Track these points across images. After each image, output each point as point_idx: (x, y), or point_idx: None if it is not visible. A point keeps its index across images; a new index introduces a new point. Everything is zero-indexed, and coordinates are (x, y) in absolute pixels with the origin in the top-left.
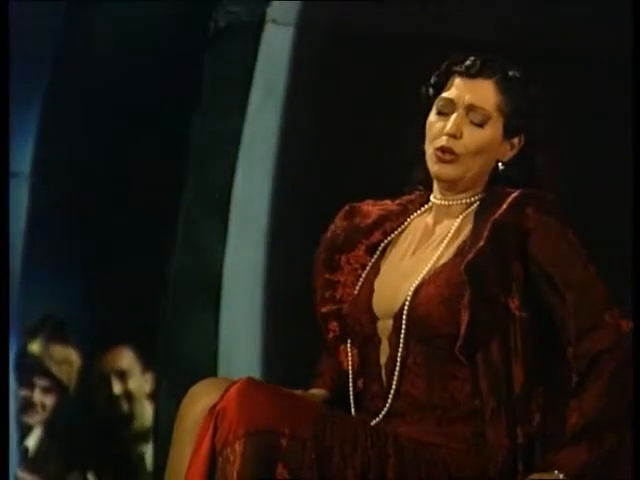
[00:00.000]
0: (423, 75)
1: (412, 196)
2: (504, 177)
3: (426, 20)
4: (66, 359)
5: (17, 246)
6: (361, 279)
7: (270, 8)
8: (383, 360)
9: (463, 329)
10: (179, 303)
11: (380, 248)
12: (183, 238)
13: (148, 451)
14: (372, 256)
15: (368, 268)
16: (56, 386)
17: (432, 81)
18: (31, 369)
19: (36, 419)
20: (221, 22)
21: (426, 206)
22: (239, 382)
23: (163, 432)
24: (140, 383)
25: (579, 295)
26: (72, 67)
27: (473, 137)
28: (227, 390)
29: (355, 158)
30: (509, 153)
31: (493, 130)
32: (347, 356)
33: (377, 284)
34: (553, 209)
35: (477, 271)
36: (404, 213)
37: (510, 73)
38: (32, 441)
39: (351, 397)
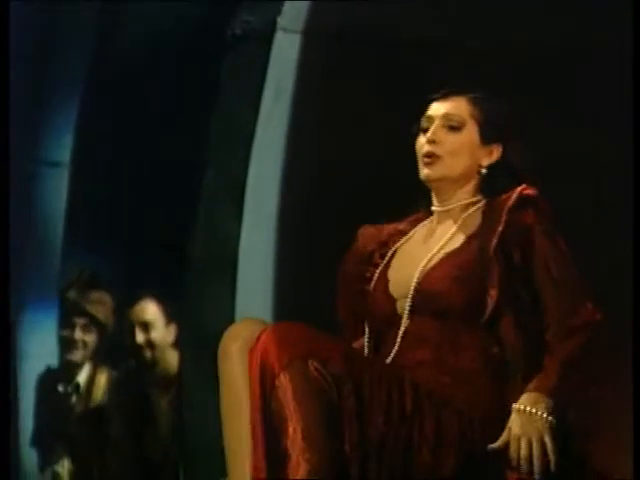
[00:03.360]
0: (425, 78)
1: (418, 215)
2: (497, 186)
3: (428, 25)
4: (100, 300)
5: (58, 226)
6: (376, 276)
7: (280, 17)
8: (402, 332)
9: (491, 304)
10: (199, 277)
11: (390, 252)
12: (203, 220)
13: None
14: (384, 259)
15: (381, 267)
16: (94, 323)
17: (417, 116)
18: (70, 311)
19: (78, 356)
20: (237, 30)
21: (431, 217)
22: (273, 324)
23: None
24: (163, 334)
25: (563, 286)
26: (106, 68)
27: (451, 140)
28: (263, 331)
29: (356, 154)
30: (488, 159)
31: (469, 134)
32: (364, 335)
33: (390, 274)
34: (547, 211)
35: (500, 256)
36: (412, 226)
37: (479, 95)
38: (82, 377)
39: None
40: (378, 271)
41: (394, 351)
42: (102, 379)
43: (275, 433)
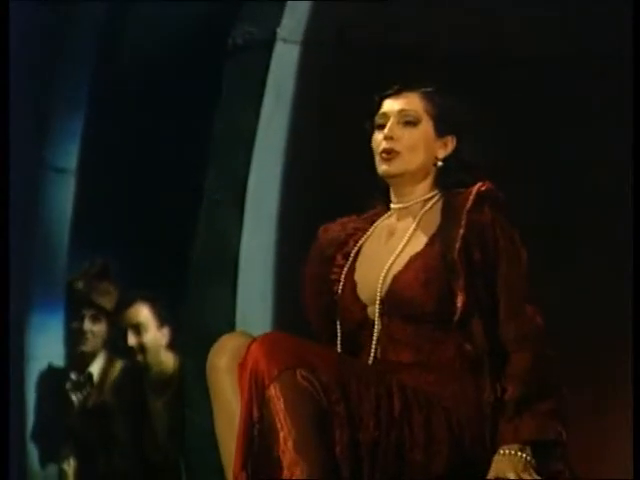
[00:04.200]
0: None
1: (376, 210)
2: (451, 179)
3: (425, 34)
4: (107, 290)
5: (64, 231)
6: (342, 278)
7: (280, 28)
8: (376, 337)
9: (460, 307)
10: (201, 278)
11: (353, 253)
12: (205, 222)
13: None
14: (348, 260)
15: (346, 269)
16: (102, 313)
17: (369, 112)
18: (78, 303)
19: (89, 347)
20: (238, 40)
21: (388, 213)
22: (260, 336)
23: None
24: (156, 336)
25: (512, 285)
26: (111, 76)
27: (408, 135)
28: (251, 344)
29: (353, 156)
30: (443, 151)
31: (425, 128)
32: (337, 339)
33: (357, 277)
34: (504, 208)
35: (463, 258)
36: (371, 223)
37: (430, 89)
38: (96, 367)
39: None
40: (344, 274)
41: (371, 355)
42: (116, 369)
43: (267, 443)
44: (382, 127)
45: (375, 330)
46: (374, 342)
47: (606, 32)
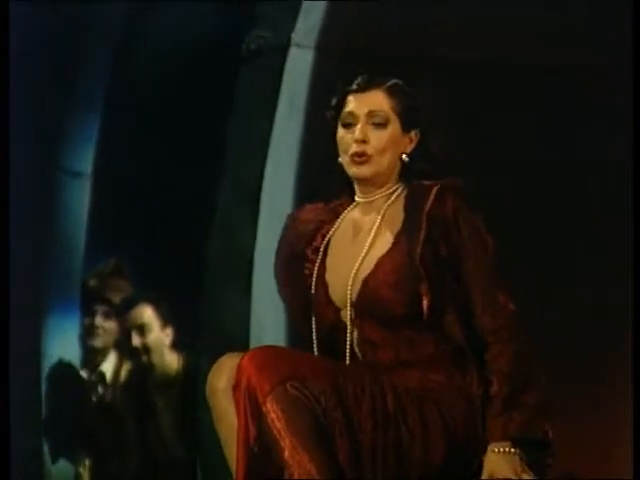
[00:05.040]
0: (435, 92)
1: (340, 201)
2: (412, 169)
3: (435, 42)
4: (120, 288)
5: (80, 234)
6: (314, 278)
7: (294, 33)
8: (349, 340)
9: (426, 310)
10: (216, 281)
11: (322, 249)
12: (220, 226)
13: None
14: (317, 255)
15: (316, 267)
16: (113, 310)
17: (332, 104)
18: (90, 299)
19: (100, 342)
20: (252, 45)
21: (352, 204)
22: (249, 351)
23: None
24: (159, 337)
25: (481, 274)
26: (126, 82)
27: (379, 138)
28: (241, 360)
29: None
30: (409, 146)
31: (393, 128)
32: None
33: (328, 278)
34: (465, 197)
35: (428, 260)
36: (336, 214)
37: (392, 82)
38: (108, 366)
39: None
40: (315, 273)
41: (347, 358)
42: (125, 369)
43: (268, 458)
44: (349, 126)
45: (349, 333)
46: (348, 345)
47: (606, 33)
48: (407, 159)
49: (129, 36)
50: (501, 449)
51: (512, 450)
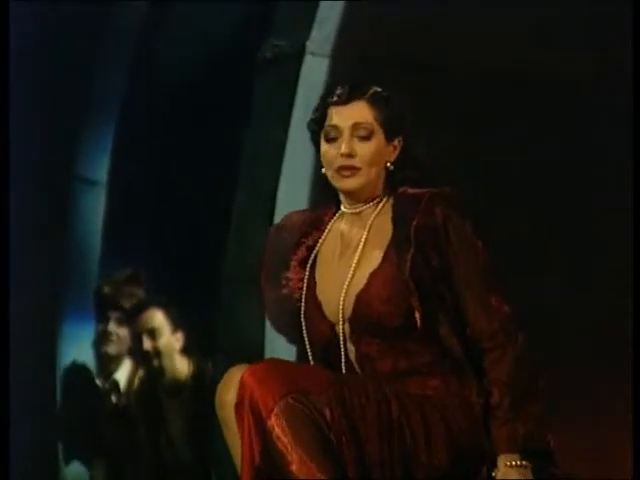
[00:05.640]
0: (448, 99)
1: (325, 210)
2: (398, 177)
3: (452, 49)
4: (133, 294)
5: (95, 242)
6: (303, 293)
7: (309, 42)
8: (343, 354)
9: (419, 324)
10: (232, 290)
11: (310, 262)
12: (235, 235)
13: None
14: (305, 268)
15: (306, 282)
16: (126, 317)
17: (313, 117)
18: (104, 305)
19: (113, 349)
20: (267, 54)
21: (338, 214)
22: (251, 366)
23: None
24: (170, 341)
25: (472, 279)
26: (142, 90)
27: (365, 150)
28: (243, 376)
29: None
30: (393, 154)
31: (378, 139)
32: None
33: (319, 294)
34: (454, 203)
35: (418, 273)
36: (321, 225)
37: (373, 90)
38: (122, 374)
39: None
40: (304, 289)
41: (344, 370)
42: (139, 376)
43: (274, 471)
44: (333, 140)
45: (344, 349)
46: (343, 359)
47: (606, 33)
48: (392, 167)
49: (145, 45)
50: (513, 462)
51: (523, 463)
